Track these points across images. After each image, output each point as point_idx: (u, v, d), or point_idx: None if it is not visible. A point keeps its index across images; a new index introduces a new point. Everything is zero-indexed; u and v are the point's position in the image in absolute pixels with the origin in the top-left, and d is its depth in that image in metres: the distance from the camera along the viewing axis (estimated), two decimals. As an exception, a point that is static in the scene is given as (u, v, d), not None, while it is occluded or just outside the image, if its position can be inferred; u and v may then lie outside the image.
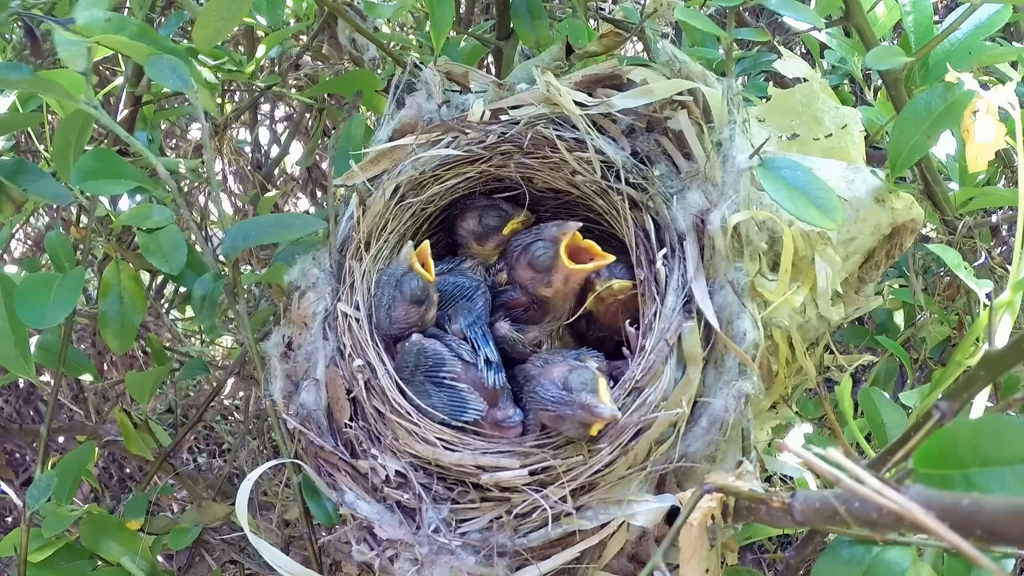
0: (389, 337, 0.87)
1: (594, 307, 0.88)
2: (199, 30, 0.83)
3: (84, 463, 1.01)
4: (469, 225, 0.96)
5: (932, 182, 0.93)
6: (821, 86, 0.89)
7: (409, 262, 0.85)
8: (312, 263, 0.90)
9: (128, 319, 0.94)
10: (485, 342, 0.84)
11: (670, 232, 0.81)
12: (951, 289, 1.13)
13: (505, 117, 0.89)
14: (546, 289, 0.90)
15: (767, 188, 0.73)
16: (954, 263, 0.76)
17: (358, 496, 0.81)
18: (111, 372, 1.69)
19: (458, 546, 0.75)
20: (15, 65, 0.76)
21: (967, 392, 0.55)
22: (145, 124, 1.27)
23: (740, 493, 0.59)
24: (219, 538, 1.15)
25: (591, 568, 0.76)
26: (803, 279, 0.79)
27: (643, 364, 0.76)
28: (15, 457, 1.76)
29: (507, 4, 1.06)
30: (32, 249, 1.81)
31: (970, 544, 0.34)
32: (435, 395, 0.80)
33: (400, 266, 0.86)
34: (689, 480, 0.75)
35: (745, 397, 0.73)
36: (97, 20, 0.75)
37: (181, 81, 0.76)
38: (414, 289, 0.84)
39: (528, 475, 0.74)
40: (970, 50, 0.85)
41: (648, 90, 0.83)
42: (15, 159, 0.96)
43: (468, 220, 0.96)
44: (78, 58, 0.76)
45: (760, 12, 1.35)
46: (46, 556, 0.94)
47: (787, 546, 1.45)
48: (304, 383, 0.86)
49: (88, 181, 0.84)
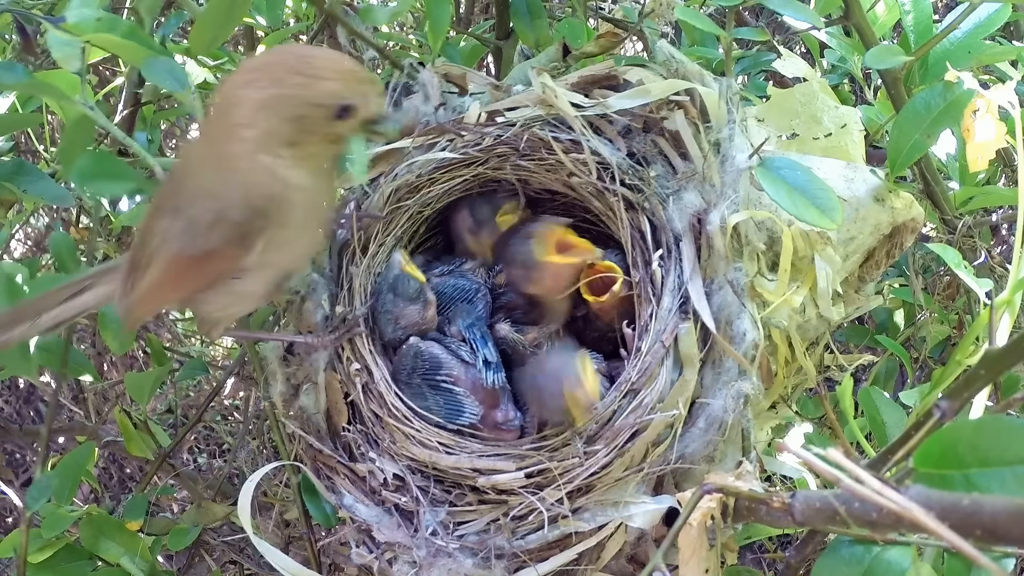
0: (394, 342, 0.87)
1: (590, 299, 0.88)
2: (195, 36, 0.83)
3: (84, 463, 1.01)
4: (462, 219, 0.96)
5: (932, 181, 0.93)
6: (821, 85, 0.89)
7: (401, 266, 0.86)
8: (311, 267, 0.90)
9: (128, 320, 0.94)
10: (484, 343, 0.84)
11: (666, 233, 0.81)
12: (951, 288, 1.12)
13: (501, 119, 0.89)
14: (535, 287, 0.89)
15: (766, 188, 0.73)
16: (954, 262, 0.76)
17: (356, 499, 0.81)
18: (111, 372, 1.69)
19: (456, 549, 0.75)
20: (10, 66, 0.76)
21: (967, 392, 0.55)
22: (145, 124, 1.27)
23: (740, 493, 0.59)
24: (219, 539, 1.15)
25: (589, 570, 0.76)
26: (803, 279, 0.79)
27: (639, 366, 0.76)
28: (15, 457, 1.76)
29: (506, 4, 1.06)
30: (32, 249, 1.81)
31: (970, 544, 0.34)
32: (431, 398, 0.80)
33: (392, 271, 0.86)
34: (687, 481, 0.75)
35: (744, 397, 0.73)
36: (88, 19, 0.75)
37: (178, 83, 0.76)
38: (408, 290, 0.85)
39: (524, 477, 0.74)
40: (970, 49, 0.85)
41: (644, 90, 0.83)
42: (15, 160, 0.96)
43: (461, 213, 0.96)
44: (72, 58, 0.76)
45: (760, 11, 1.35)
46: (46, 557, 0.95)
47: (787, 546, 1.45)
48: (304, 387, 0.86)
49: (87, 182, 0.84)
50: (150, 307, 0.77)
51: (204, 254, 0.70)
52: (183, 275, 0.73)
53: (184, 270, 0.72)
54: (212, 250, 0.70)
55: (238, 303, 0.78)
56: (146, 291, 0.74)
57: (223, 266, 0.72)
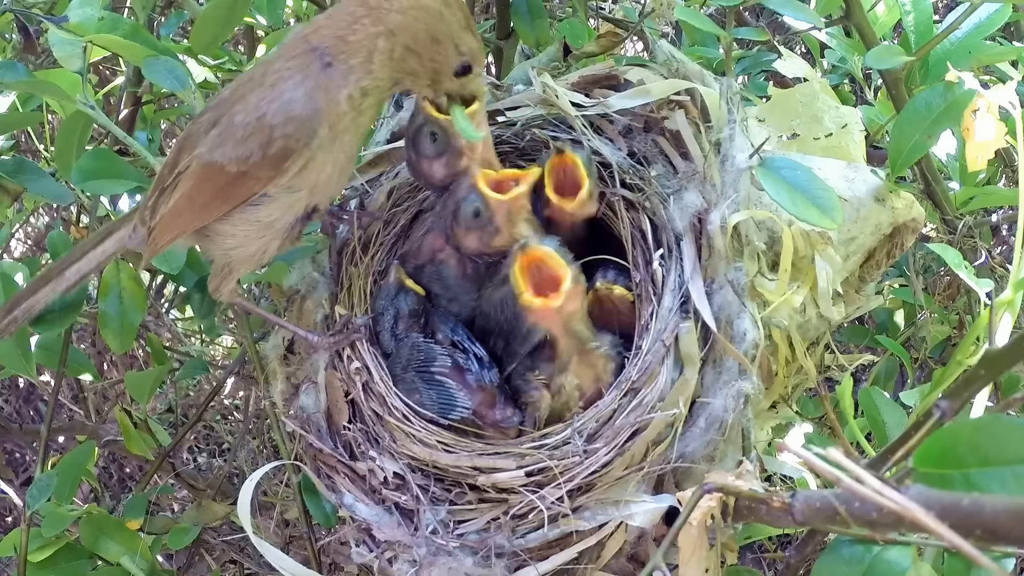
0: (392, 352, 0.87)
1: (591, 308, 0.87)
2: (196, 36, 0.84)
3: (84, 463, 1.01)
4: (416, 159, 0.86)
5: (932, 181, 0.93)
6: (821, 85, 0.89)
7: (399, 281, 0.85)
8: (312, 266, 0.90)
9: (128, 319, 0.94)
10: (472, 342, 0.83)
11: (667, 232, 0.81)
12: (951, 289, 1.13)
13: (502, 119, 0.89)
14: (500, 239, 0.81)
15: (767, 188, 0.73)
16: (954, 262, 0.76)
17: (357, 498, 0.81)
18: (111, 372, 1.69)
19: (456, 547, 0.75)
20: (11, 65, 0.76)
21: (967, 391, 0.55)
22: (145, 124, 1.27)
23: (740, 493, 0.59)
24: (219, 538, 1.15)
25: (590, 568, 0.76)
26: (803, 279, 0.79)
27: (640, 365, 0.76)
28: (15, 457, 1.76)
29: (507, 3, 1.06)
30: (32, 249, 1.81)
31: (970, 544, 0.34)
32: (425, 392, 0.80)
33: (392, 286, 0.85)
34: (688, 480, 0.75)
35: (744, 397, 0.73)
36: (90, 19, 0.75)
37: (178, 82, 0.76)
38: (411, 305, 0.84)
39: (525, 476, 0.74)
40: (970, 49, 0.85)
41: (645, 90, 0.83)
42: (15, 158, 0.96)
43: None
44: (74, 57, 0.76)
45: (760, 11, 1.35)
46: (46, 556, 0.94)
47: (787, 546, 1.45)
48: (304, 386, 0.86)
49: (87, 181, 0.84)
50: (171, 232, 0.76)
51: (237, 174, 0.70)
52: (210, 192, 0.72)
53: (213, 185, 0.71)
54: (244, 171, 0.69)
55: (259, 236, 0.76)
56: (170, 211, 0.73)
57: (253, 188, 0.71)
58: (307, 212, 0.76)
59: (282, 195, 0.73)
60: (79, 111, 0.85)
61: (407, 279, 0.85)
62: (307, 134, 0.68)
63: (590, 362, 0.79)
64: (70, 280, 0.81)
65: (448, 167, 0.82)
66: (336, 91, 0.69)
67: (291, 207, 0.74)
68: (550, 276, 0.75)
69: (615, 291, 0.82)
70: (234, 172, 0.70)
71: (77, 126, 0.91)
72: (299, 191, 0.73)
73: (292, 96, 0.68)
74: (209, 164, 0.70)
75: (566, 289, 0.74)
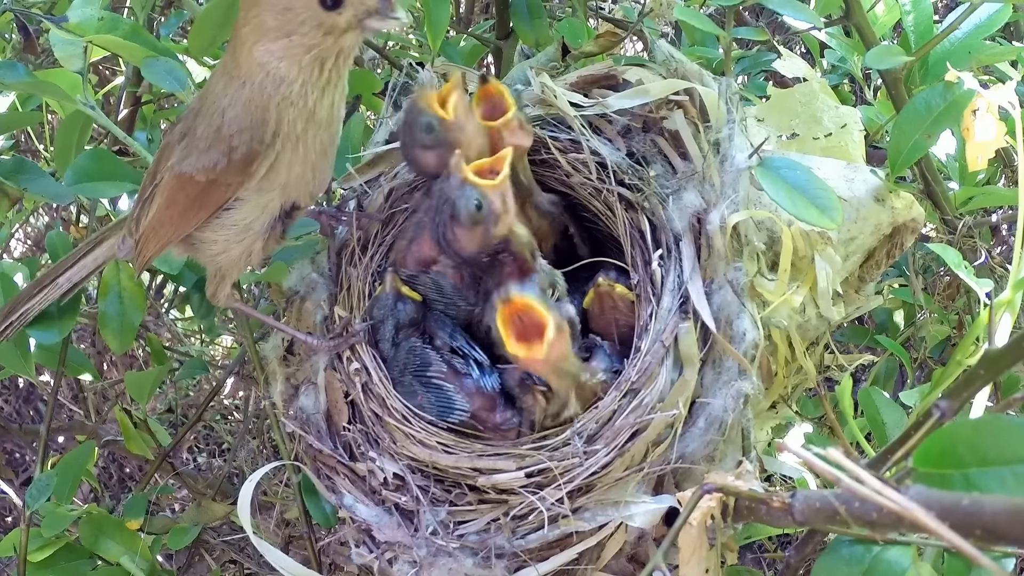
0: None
1: (591, 306, 0.87)
2: (194, 37, 0.84)
3: (84, 463, 1.01)
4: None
5: (932, 181, 0.93)
6: (821, 85, 0.89)
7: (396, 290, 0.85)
8: (311, 267, 0.90)
9: (128, 319, 0.94)
10: (472, 347, 0.83)
11: (666, 233, 0.81)
12: (951, 288, 1.12)
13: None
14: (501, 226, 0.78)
15: (766, 188, 0.73)
16: (954, 262, 0.76)
17: (356, 499, 0.81)
18: (111, 372, 1.69)
19: (456, 548, 0.75)
20: (11, 65, 0.76)
21: (967, 391, 0.55)
22: (145, 124, 1.27)
23: (740, 493, 0.59)
24: (219, 538, 1.15)
25: (590, 569, 0.76)
26: (803, 279, 0.79)
27: (639, 366, 0.76)
28: (15, 457, 1.76)
29: (506, 3, 1.06)
30: (32, 249, 1.81)
31: (970, 544, 0.34)
32: (423, 395, 0.80)
33: (389, 295, 0.85)
34: (687, 481, 0.75)
35: (744, 397, 0.73)
36: (90, 19, 0.75)
37: (178, 83, 0.76)
38: (410, 313, 0.84)
39: (525, 477, 0.74)
40: (970, 49, 0.85)
41: (644, 90, 0.83)
42: (15, 158, 0.96)
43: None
44: (74, 57, 0.76)
45: (760, 11, 1.35)
46: (46, 556, 0.94)
47: (787, 546, 1.45)
48: (303, 387, 0.86)
49: (83, 183, 0.84)
50: (156, 244, 0.77)
51: (207, 183, 0.70)
52: (184, 202, 0.73)
53: (185, 195, 0.72)
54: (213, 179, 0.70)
55: (239, 240, 0.77)
56: (152, 224, 0.74)
57: (225, 194, 0.72)
58: (284, 210, 0.77)
59: (254, 197, 0.74)
60: (79, 111, 0.85)
61: (403, 287, 0.85)
62: (262, 140, 0.70)
63: (586, 394, 0.79)
64: (63, 287, 0.82)
65: (440, 159, 0.81)
66: (264, 107, 0.69)
67: (265, 208, 0.75)
68: (532, 324, 0.74)
69: (616, 288, 0.82)
70: (204, 181, 0.71)
71: (76, 126, 0.91)
72: (271, 191, 0.74)
73: (234, 113, 0.69)
74: (180, 175, 0.72)
75: (549, 339, 0.73)
